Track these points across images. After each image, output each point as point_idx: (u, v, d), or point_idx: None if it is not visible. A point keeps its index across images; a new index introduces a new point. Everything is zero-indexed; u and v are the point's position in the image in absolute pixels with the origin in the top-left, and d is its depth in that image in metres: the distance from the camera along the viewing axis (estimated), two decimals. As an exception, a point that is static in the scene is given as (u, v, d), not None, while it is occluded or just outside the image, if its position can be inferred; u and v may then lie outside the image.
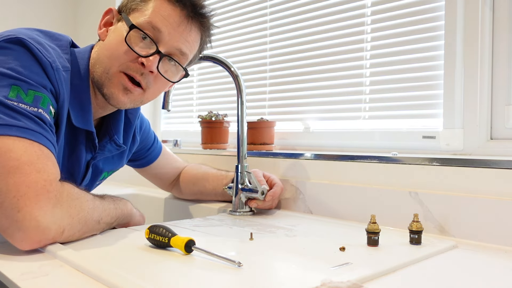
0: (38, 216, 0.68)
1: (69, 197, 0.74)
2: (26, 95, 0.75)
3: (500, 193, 0.85)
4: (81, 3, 2.37)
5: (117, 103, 0.89)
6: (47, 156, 0.74)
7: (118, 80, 0.87)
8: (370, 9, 1.24)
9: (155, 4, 0.88)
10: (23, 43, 0.78)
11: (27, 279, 0.58)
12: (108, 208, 0.85)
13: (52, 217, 0.70)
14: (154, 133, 1.26)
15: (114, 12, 0.92)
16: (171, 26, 0.87)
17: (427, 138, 1.11)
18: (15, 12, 2.18)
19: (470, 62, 1.03)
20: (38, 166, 0.71)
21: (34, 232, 0.68)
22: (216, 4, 1.72)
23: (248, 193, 1.10)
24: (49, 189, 0.70)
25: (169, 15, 0.87)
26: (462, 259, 0.75)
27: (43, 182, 0.70)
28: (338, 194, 1.08)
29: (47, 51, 0.81)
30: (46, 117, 0.77)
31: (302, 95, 1.41)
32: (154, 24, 0.86)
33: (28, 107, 0.74)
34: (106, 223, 0.85)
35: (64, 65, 0.84)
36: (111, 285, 0.56)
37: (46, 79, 0.79)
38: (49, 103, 0.79)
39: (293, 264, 0.69)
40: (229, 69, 1.13)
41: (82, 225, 0.77)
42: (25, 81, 0.76)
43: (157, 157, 1.26)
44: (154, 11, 0.87)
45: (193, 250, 0.71)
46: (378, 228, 0.79)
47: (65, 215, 0.72)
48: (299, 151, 1.31)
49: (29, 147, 0.71)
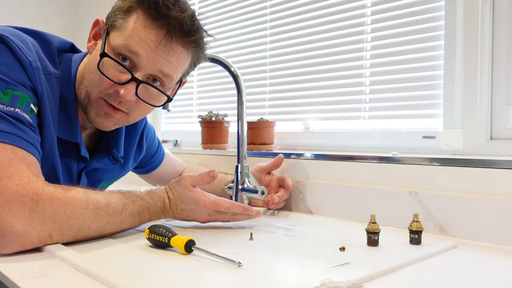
0: (13, 222, 0.66)
1: (53, 200, 0.70)
2: (4, 94, 0.73)
3: (500, 193, 0.85)
4: (81, 5, 2.38)
5: (100, 127, 0.87)
6: (21, 159, 0.70)
7: (97, 106, 0.84)
8: (370, 9, 1.24)
9: (134, 23, 0.81)
10: (4, 40, 0.77)
11: (27, 279, 0.58)
12: (122, 221, 0.79)
13: (29, 222, 0.67)
14: (159, 140, 1.25)
15: (101, 24, 0.87)
16: (148, 48, 0.80)
17: (427, 138, 1.11)
18: (14, 13, 2.19)
19: (470, 62, 1.02)
20: (10, 171, 0.68)
21: (12, 238, 0.66)
22: (216, 4, 1.72)
23: (248, 193, 1.10)
24: (22, 193, 0.67)
25: (146, 36, 0.80)
26: (462, 259, 0.75)
27: (15, 187, 0.67)
28: (338, 194, 1.08)
29: (29, 50, 0.79)
30: (23, 117, 0.74)
31: (302, 95, 1.41)
32: (130, 47, 0.80)
33: (5, 107, 0.72)
34: (114, 232, 0.80)
35: (46, 68, 0.81)
36: (111, 285, 0.56)
37: (26, 77, 0.77)
38: (28, 101, 0.76)
39: (293, 264, 0.69)
40: (229, 69, 1.13)
41: (77, 232, 0.73)
42: (3, 80, 0.74)
43: (160, 164, 1.26)
44: (131, 32, 0.80)
45: (193, 250, 0.71)
46: (378, 228, 0.79)
47: (47, 220, 0.69)
48: (299, 151, 1.31)
49: (1, 151, 0.69)
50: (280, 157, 1.17)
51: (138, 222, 0.84)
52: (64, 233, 0.72)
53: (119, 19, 0.82)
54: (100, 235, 0.78)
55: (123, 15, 0.82)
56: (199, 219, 0.92)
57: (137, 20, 0.81)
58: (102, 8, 0.99)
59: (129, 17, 0.82)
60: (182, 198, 0.89)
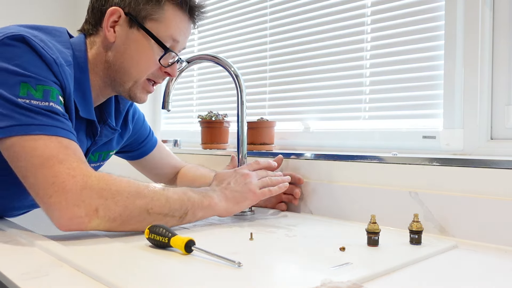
0: (66, 198, 0.74)
1: (100, 180, 0.77)
2: (36, 91, 0.78)
3: (500, 193, 0.85)
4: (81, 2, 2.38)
5: (139, 101, 0.99)
6: (66, 146, 0.78)
7: (145, 86, 0.97)
8: (370, 9, 1.24)
9: (173, 15, 0.93)
10: (27, 41, 0.80)
11: (27, 279, 0.58)
12: (164, 198, 0.83)
13: (80, 196, 0.75)
14: (150, 128, 1.27)
15: (120, 13, 0.91)
16: (184, 36, 0.97)
17: (427, 138, 1.11)
18: (13, 9, 2.18)
19: (470, 62, 1.02)
20: (60, 157, 0.76)
21: (65, 211, 0.74)
22: (217, 4, 1.72)
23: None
24: (74, 174, 0.75)
25: (184, 27, 0.96)
26: (462, 259, 0.75)
27: (67, 170, 0.75)
28: (338, 194, 1.08)
29: (50, 48, 0.83)
30: (58, 109, 0.80)
31: (302, 95, 1.41)
32: (175, 37, 0.94)
33: (40, 103, 0.78)
34: (160, 213, 0.82)
35: (66, 59, 0.87)
36: (111, 285, 0.56)
37: (51, 74, 0.82)
38: (57, 94, 0.82)
39: (293, 264, 0.69)
40: (229, 69, 1.12)
41: (123, 209, 0.78)
42: (33, 77, 0.79)
43: (151, 151, 1.27)
44: (173, 23, 0.93)
45: (193, 250, 0.71)
46: (378, 228, 0.79)
47: (94, 195, 0.76)
48: (299, 151, 1.31)
49: (48, 142, 0.77)
50: (280, 158, 1.17)
51: (186, 202, 0.87)
52: (110, 209, 0.77)
53: (154, 10, 0.91)
54: (147, 213, 0.81)
55: (156, 7, 0.91)
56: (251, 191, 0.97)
57: (174, 11, 0.93)
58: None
59: (163, 9, 0.92)
60: (219, 179, 0.99)
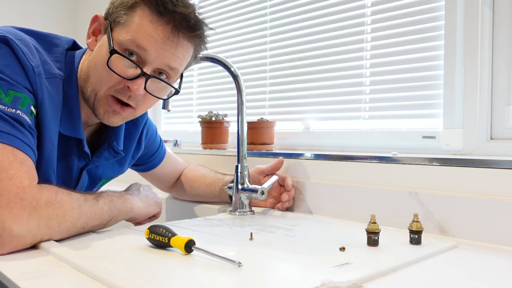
0: (12, 225, 0.67)
1: (48, 205, 0.72)
2: (6, 95, 0.74)
3: (500, 193, 0.85)
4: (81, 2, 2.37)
5: (109, 123, 0.89)
6: (21, 161, 0.72)
7: (106, 103, 0.86)
8: (370, 9, 1.24)
9: (140, 18, 0.82)
10: (9, 43, 0.77)
11: (27, 279, 0.58)
12: (99, 212, 0.83)
13: (27, 226, 0.69)
14: (160, 138, 1.24)
15: (101, 19, 0.87)
16: (156, 44, 0.82)
17: (427, 138, 1.11)
18: (15, 10, 2.18)
19: (470, 62, 1.02)
20: (11, 173, 0.69)
21: (8, 239, 0.68)
22: (217, 4, 1.72)
23: (248, 193, 1.10)
24: (23, 196, 0.69)
25: (154, 32, 0.81)
26: (462, 259, 0.75)
27: (16, 190, 0.68)
28: (338, 194, 1.08)
29: (32, 55, 0.80)
30: (24, 119, 0.75)
31: (302, 95, 1.41)
32: (138, 42, 0.81)
33: (6, 108, 0.73)
34: (94, 226, 0.83)
35: (49, 71, 0.82)
36: (111, 285, 0.56)
37: (27, 81, 0.77)
38: (29, 103, 0.77)
39: (293, 264, 0.69)
40: (229, 69, 1.12)
41: (64, 234, 0.76)
42: (6, 81, 0.75)
43: (160, 162, 1.25)
44: (138, 28, 0.81)
45: (193, 250, 0.71)
46: (378, 228, 0.79)
47: (42, 225, 0.71)
48: (299, 151, 1.31)
49: (2, 152, 0.70)
50: (280, 161, 1.17)
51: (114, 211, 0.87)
52: (53, 236, 0.75)
53: (122, 15, 0.83)
54: (83, 229, 0.81)
55: (127, 11, 0.83)
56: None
57: (143, 15, 0.82)
58: (101, 3, 0.99)
59: (133, 13, 0.83)
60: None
